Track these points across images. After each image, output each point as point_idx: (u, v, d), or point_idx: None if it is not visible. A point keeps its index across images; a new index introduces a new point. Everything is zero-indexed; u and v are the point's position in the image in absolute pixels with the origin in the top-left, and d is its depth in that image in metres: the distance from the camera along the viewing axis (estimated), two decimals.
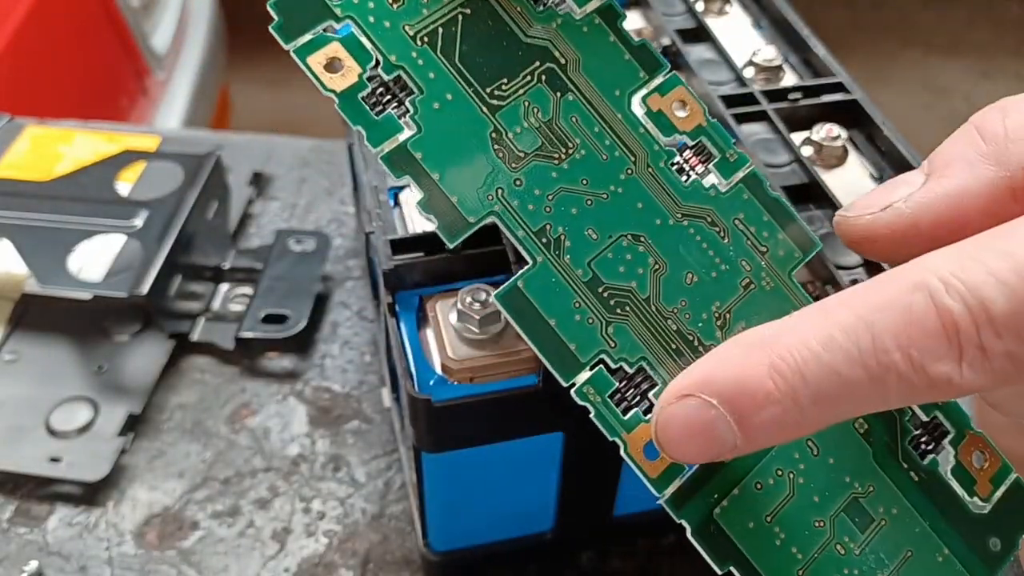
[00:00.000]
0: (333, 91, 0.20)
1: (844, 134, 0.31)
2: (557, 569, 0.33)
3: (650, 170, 0.22)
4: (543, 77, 0.21)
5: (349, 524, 0.34)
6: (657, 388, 0.20)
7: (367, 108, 0.21)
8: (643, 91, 0.22)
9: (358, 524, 0.34)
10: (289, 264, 0.41)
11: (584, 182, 0.21)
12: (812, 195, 0.29)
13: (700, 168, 0.22)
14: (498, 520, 0.30)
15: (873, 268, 0.27)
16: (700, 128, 0.22)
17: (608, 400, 0.20)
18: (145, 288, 0.35)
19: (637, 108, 0.22)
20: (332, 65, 0.20)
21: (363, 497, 0.35)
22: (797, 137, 0.31)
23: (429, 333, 0.26)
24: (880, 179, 0.31)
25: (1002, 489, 0.21)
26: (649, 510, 0.32)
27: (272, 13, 0.20)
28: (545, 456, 0.28)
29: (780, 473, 0.21)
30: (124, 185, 0.40)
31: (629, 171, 0.21)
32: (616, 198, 0.21)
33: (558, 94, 0.21)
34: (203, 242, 0.40)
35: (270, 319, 0.39)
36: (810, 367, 0.17)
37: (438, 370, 0.25)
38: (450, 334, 0.26)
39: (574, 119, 0.21)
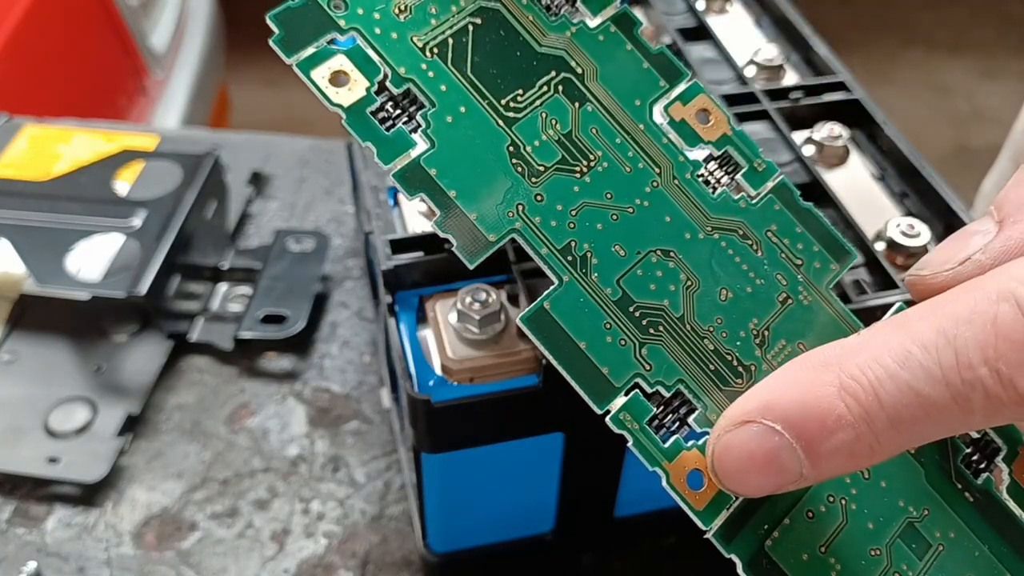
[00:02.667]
0: (340, 106, 0.20)
1: (846, 133, 0.31)
2: (557, 570, 0.32)
3: (676, 182, 0.21)
4: (560, 87, 0.21)
5: (348, 525, 0.34)
6: (697, 413, 0.19)
7: (376, 123, 0.20)
8: (664, 100, 0.21)
9: (357, 525, 0.34)
10: (288, 264, 0.41)
11: (608, 196, 0.20)
12: (814, 195, 0.29)
13: (727, 179, 0.21)
14: (498, 521, 0.30)
15: (875, 267, 0.27)
16: (726, 137, 0.21)
17: (646, 427, 0.19)
18: (143, 288, 0.35)
19: (659, 118, 0.21)
20: (337, 79, 0.20)
21: (362, 498, 0.35)
22: (798, 136, 0.31)
23: (429, 333, 0.26)
24: (882, 178, 0.31)
25: None
26: (650, 511, 0.31)
27: (272, 26, 0.19)
28: (545, 456, 0.27)
29: (832, 500, 0.19)
30: (122, 184, 0.40)
31: (655, 183, 0.21)
32: (642, 212, 0.20)
33: (576, 104, 0.21)
34: (202, 242, 0.40)
35: (269, 319, 0.39)
36: (886, 387, 0.15)
37: (438, 370, 0.25)
38: (450, 334, 0.25)
39: (594, 130, 0.21)
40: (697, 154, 0.21)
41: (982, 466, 0.20)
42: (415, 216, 0.29)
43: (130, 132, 0.47)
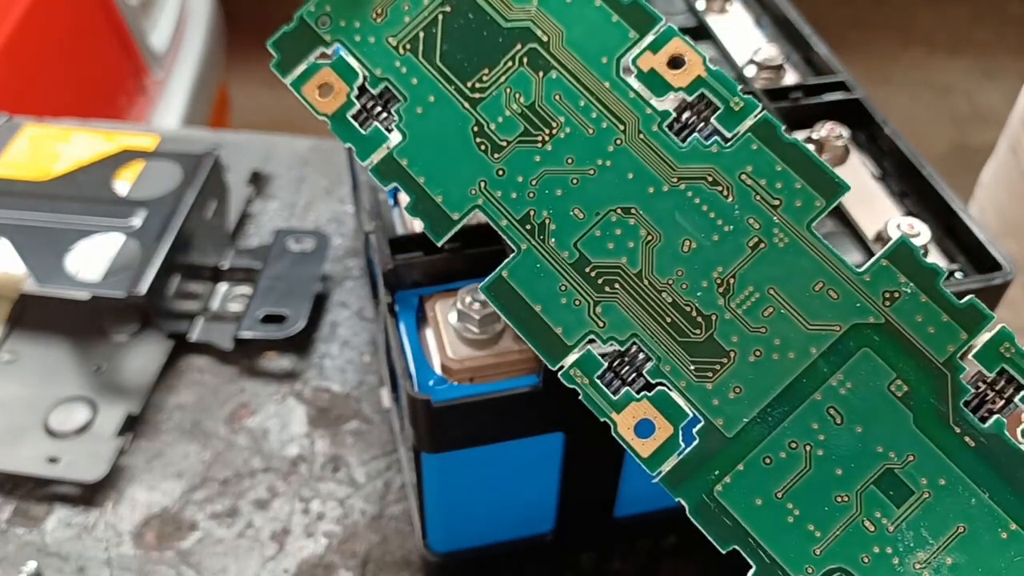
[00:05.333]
0: (325, 115, 0.22)
1: (846, 133, 0.31)
2: (557, 570, 0.32)
3: (641, 136, 0.21)
4: (524, 60, 0.21)
5: (348, 525, 0.34)
6: (651, 365, 0.20)
7: (356, 125, 0.21)
8: (633, 52, 0.21)
9: (357, 525, 0.34)
10: (288, 264, 0.41)
11: (569, 161, 0.21)
12: None
13: (701, 124, 0.21)
14: (498, 521, 0.30)
15: None
16: (700, 80, 0.21)
17: (596, 381, 0.20)
18: (143, 288, 0.35)
19: (627, 72, 0.21)
20: (323, 90, 0.21)
21: (362, 498, 0.35)
22: (799, 136, 0.31)
23: (429, 333, 0.26)
24: (882, 178, 0.31)
25: None
26: (650, 511, 0.32)
27: (272, 51, 0.21)
28: (545, 456, 0.27)
29: (794, 446, 0.19)
30: (122, 184, 0.40)
31: (618, 141, 0.21)
32: (604, 172, 0.21)
33: (540, 74, 0.21)
34: (202, 242, 0.40)
35: (269, 319, 0.39)
36: None
37: (438, 370, 0.25)
38: (450, 334, 0.25)
39: (557, 97, 0.21)
40: (667, 104, 0.21)
41: (996, 406, 0.19)
42: None
43: (130, 132, 0.47)
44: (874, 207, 0.30)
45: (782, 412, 0.20)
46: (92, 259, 0.38)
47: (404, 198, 0.29)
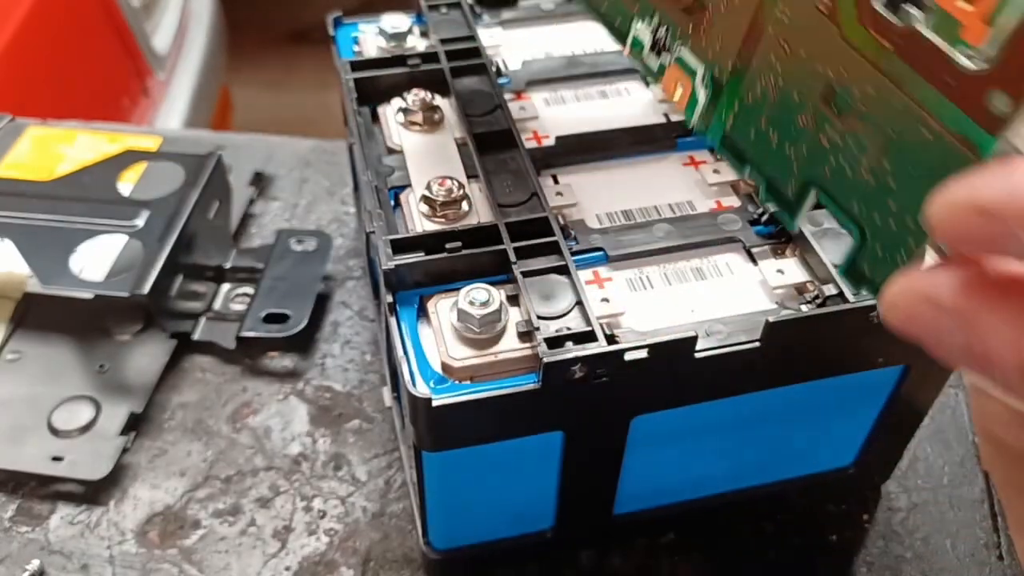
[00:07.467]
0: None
1: None
2: (557, 568, 0.33)
3: None
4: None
5: (350, 523, 0.34)
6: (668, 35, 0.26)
7: None
8: None
9: (359, 523, 0.34)
10: (290, 264, 0.41)
11: None
12: None
13: None
14: (498, 519, 0.30)
15: None
16: None
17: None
18: (146, 288, 0.35)
19: None
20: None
21: (364, 496, 0.35)
22: None
23: (429, 333, 0.26)
24: None
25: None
26: (648, 508, 0.32)
27: None
28: (545, 455, 0.28)
29: (764, 81, 0.23)
30: (126, 185, 0.40)
31: None
32: None
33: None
34: (204, 242, 0.40)
35: (271, 319, 0.39)
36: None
37: (438, 369, 0.25)
38: (450, 334, 0.26)
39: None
40: None
41: None
42: (416, 216, 0.29)
43: (133, 133, 0.47)
44: None
45: (749, 53, 0.23)
46: (95, 259, 0.38)
47: (405, 197, 0.30)
